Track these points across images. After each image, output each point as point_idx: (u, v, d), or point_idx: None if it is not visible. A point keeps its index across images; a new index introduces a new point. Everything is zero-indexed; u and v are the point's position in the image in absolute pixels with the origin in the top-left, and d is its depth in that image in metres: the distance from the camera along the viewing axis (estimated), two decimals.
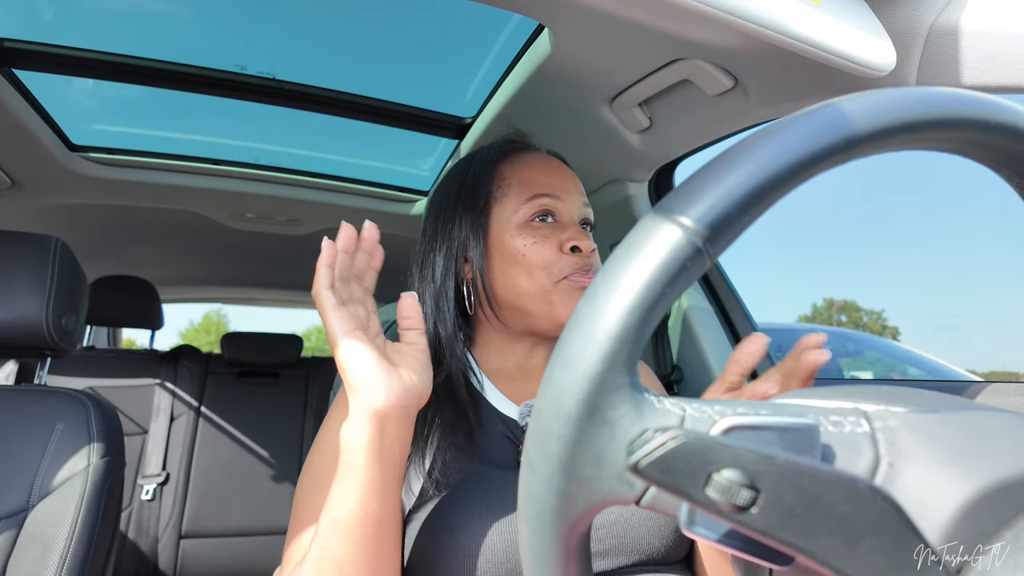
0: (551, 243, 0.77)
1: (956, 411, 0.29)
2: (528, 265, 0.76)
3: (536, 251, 0.77)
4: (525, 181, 0.81)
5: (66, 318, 1.08)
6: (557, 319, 0.76)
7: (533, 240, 0.77)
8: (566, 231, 0.78)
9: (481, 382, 0.78)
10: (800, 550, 0.24)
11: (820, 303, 51.55)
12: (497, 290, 0.79)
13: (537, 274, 0.76)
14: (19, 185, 1.45)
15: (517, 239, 0.78)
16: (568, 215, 0.81)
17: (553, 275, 0.76)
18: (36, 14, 1.16)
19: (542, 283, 0.76)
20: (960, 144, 0.32)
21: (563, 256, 0.77)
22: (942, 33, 0.68)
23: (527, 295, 0.76)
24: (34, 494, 0.97)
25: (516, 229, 0.78)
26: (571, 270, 0.76)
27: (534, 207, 0.79)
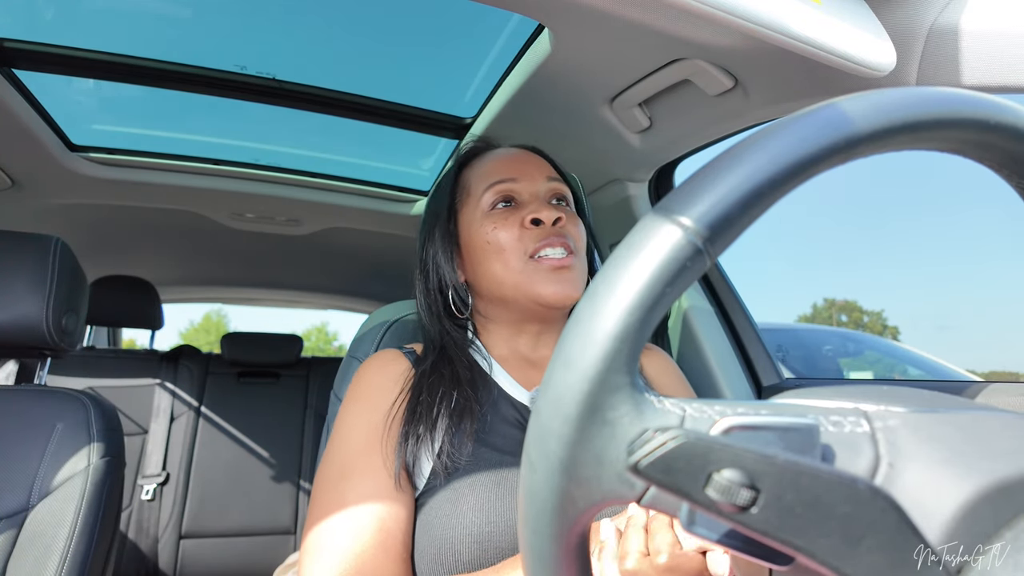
0: (513, 223, 0.79)
1: (956, 411, 0.29)
2: (497, 250, 0.79)
3: (499, 235, 0.79)
4: (483, 175, 0.84)
5: (66, 318, 1.08)
6: (535, 297, 0.77)
7: (494, 225, 0.80)
8: (526, 207, 0.80)
9: (490, 365, 0.81)
10: (800, 550, 0.24)
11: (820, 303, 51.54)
12: (483, 286, 0.82)
13: (508, 258, 0.78)
14: (19, 185, 1.45)
15: (482, 230, 0.80)
16: (529, 193, 0.83)
17: (521, 253, 0.78)
18: (36, 14, 1.16)
19: (514, 266, 0.78)
20: (960, 144, 0.32)
21: (526, 231, 0.78)
22: (942, 33, 0.68)
23: (504, 283, 0.79)
24: (34, 494, 0.96)
25: (480, 221, 0.81)
26: (537, 242, 0.77)
27: (492, 195, 0.82)
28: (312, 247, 2.21)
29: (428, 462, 0.69)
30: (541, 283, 0.76)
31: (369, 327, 1.01)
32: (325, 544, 0.63)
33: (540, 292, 0.76)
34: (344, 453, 0.70)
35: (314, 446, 2.33)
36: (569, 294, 0.76)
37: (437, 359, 0.78)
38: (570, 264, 0.77)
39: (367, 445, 0.70)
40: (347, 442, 0.71)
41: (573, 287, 0.76)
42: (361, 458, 0.69)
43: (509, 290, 0.79)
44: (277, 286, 2.95)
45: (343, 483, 0.67)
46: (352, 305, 3.22)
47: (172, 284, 2.78)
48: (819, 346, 3.46)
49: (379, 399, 0.74)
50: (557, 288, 0.76)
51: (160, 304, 2.39)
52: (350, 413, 0.74)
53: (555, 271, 0.76)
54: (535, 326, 0.83)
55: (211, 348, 2.62)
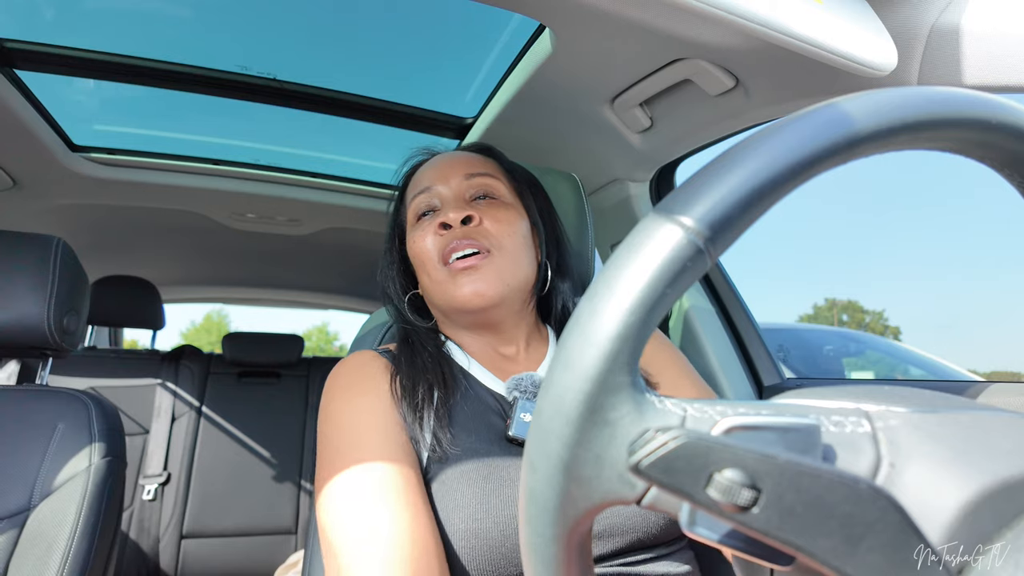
0: (428, 231, 0.79)
1: (957, 411, 0.29)
2: (421, 262, 0.80)
3: (419, 246, 0.79)
4: (414, 186, 0.86)
5: (67, 318, 1.08)
6: (453, 302, 0.76)
7: (415, 237, 0.81)
8: (442, 214, 0.79)
9: (468, 359, 0.80)
10: (801, 550, 0.24)
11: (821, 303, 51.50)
12: (427, 298, 0.84)
13: (429, 268, 0.78)
14: (20, 185, 1.46)
15: (412, 243, 0.81)
16: (446, 199, 0.82)
17: (437, 261, 0.77)
18: (37, 14, 1.16)
19: (435, 275, 0.78)
20: (961, 144, 0.32)
21: (437, 237, 0.78)
22: (943, 33, 0.68)
23: (433, 293, 0.80)
24: (35, 494, 0.97)
25: (411, 234, 0.83)
26: (446, 246, 0.77)
27: (415, 207, 0.83)
28: (313, 247, 2.21)
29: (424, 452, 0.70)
30: (455, 287, 0.75)
31: (370, 327, 1.01)
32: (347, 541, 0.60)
33: (455, 296, 0.75)
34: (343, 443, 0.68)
35: (315, 446, 2.33)
36: (480, 292, 0.74)
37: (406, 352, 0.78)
38: (476, 264, 0.75)
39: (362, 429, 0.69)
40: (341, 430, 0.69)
41: (485, 285, 0.74)
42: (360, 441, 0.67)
43: (438, 299, 0.79)
44: (278, 286, 2.95)
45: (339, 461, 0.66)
46: (353, 305, 3.23)
47: (173, 284, 2.79)
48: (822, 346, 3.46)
49: (359, 385, 0.74)
50: (467, 290, 0.74)
51: (161, 304, 2.40)
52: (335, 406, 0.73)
53: (464, 272, 0.75)
54: (485, 331, 0.82)
55: (212, 348, 2.62)
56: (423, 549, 0.59)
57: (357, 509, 0.61)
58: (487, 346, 0.83)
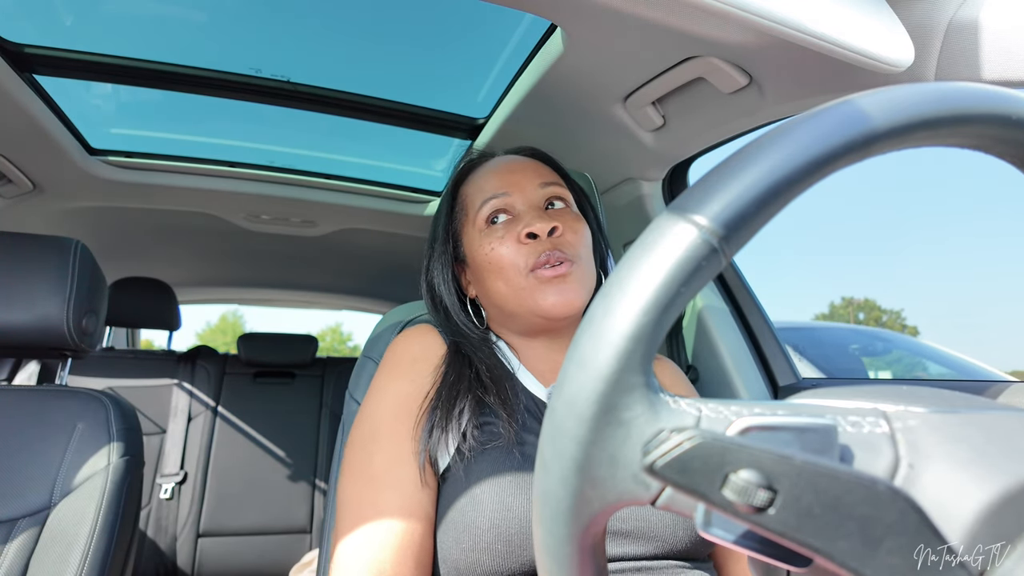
0: (509, 240, 0.79)
1: (977, 411, 0.28)
2: (498, 268, 0.79)
3: (497, 253, 0.79)
4: (478, 190, 0.84)
5: (86, 319, 1.10)
6: (538, 310, 0.77)
7: (492, 244, 0.79)
8: (522, 220, 0.79)
9: (515, 364, 0.82)
10: (818, 552, 0.24)
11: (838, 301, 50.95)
12: (491, 301, 0.83)
13: (509, 275, 0.78)
14: (40, 189, 1.48)
15: (482, 248, 0.81)
16: (522, 205, 0.82)
17: (521, 270, 0.77)
18: (56, 20, 1.17)
19: (516, 282, 0.78)
20: (981, 140, 0.32)
21: (523, 246, 0.78)
22: (961, 28, 0.67)
23: (508, 298, 0.79)
24: (56, 493, 0.98)
25: (479, 239, 0.82)
26: (535, 258, 0.77)
27: (484, 213, 0.82)
28: (327, 248, 2.22)
29: (447, 455, 0.70)
30: (541, 296, 0.76)
31: (383, 327, 1.02)
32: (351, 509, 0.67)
33: (541, 304, 0.76)
34: (375, 418, 0.73)
35: (329, 445, 2.35)
36: (569, 301, 0.76)
37: (455, 360, 0.79)
38: (566, 272, 0.76)
39: (397, 412, 0.72)
40: (379, 407, 0.74)
41: (574, 294, 0.76)
42: (391, 424, 0.71)
43: (513, 306, 0.79)
44: (292, 287, 2.98)
45: (372, 445, 0.70)
46: (366, 306, 3.24)
47: (189, 285, 2.81)
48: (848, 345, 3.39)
49: (413, 370, 0.77)
50: (557, 299, 0.75)
51: (177, 305, 2.42)
52: (385, 379, 0.77)
53: (553, 282, 0.76)
54: (544, 336, 0.84)
55: (227, 348, 2.64)
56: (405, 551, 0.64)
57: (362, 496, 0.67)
58: (539, 350, 0.84)
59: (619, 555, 0.67)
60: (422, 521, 0.67)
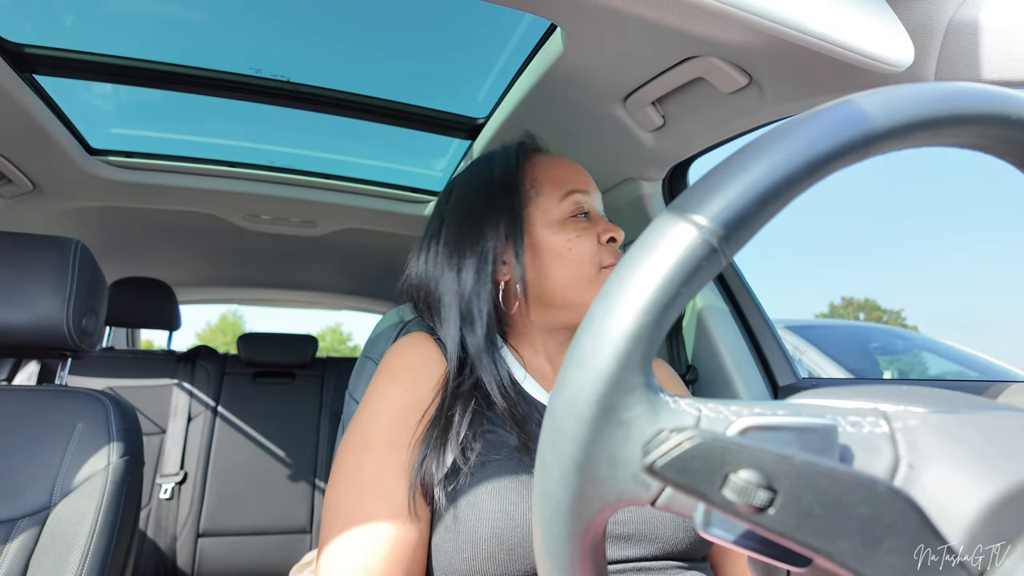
0: (590, 237, 0.81)
1: (977, 411, 0.28)
2: (573, 259, 0.80)
3: (579, 245, 0.80)
4: (556, 179, 0.85)
5: (86, 319, 1.10)
6: None
7: (576, 235, 0.81)
8: (598, 224, 0.83)
9: (523, 373, 0.81)
10: (818, 552, 0.24)
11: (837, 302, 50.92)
12: (542, 287, 0.81)
13: (583, 266, 0.80)
14: (40, 188, 1.48)
15: (559, 236, 0.81)
16: (595, 210, 0.86)
17: (596, 265, 0.80)
18: (56, 20, 1.17)
19: (587, 274, 0.80)
20: (980, 140, 0.32)
21: (602, 248, 0.82)
22: (961, 28, 0.67)
23: (573, 288, 0.80)
24: (56, 493, 0.98)
25: (557, 226, 0.82)
26: (611, 259, 0.81)
27: (571, 204, 0.83)
28: (326, 248, 2.22)
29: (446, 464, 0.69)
30: None
31: (383, 327, 1.02)
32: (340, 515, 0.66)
33: None
34: (369, 427, 0.72)
35: (330, 445, 2.35)
36: None
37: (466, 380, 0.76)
38: None
39: (392, 422, 0.72)
40: (374, 417, 0.73)
41: None
42: (384, 434, 0.71)
43: (574, 295, 0.80)
44: (292, 287, 2.97)
45: (364, 454, 0.70)
46: (366, 305, 3.24)
47: (189, 285, 2.81)
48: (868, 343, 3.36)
49: (411, 379, 0.76)
50: None
51: (177, 305, 2.42)
52: (380, 388, 0.76)
53: None
54: (566, 333, 0.85)
55: (227, 348, 2.64)
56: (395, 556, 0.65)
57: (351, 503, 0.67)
58: (546, 351, 0.85)
59: (619, 558, 0.67)
60: (413, 530, 0.66)
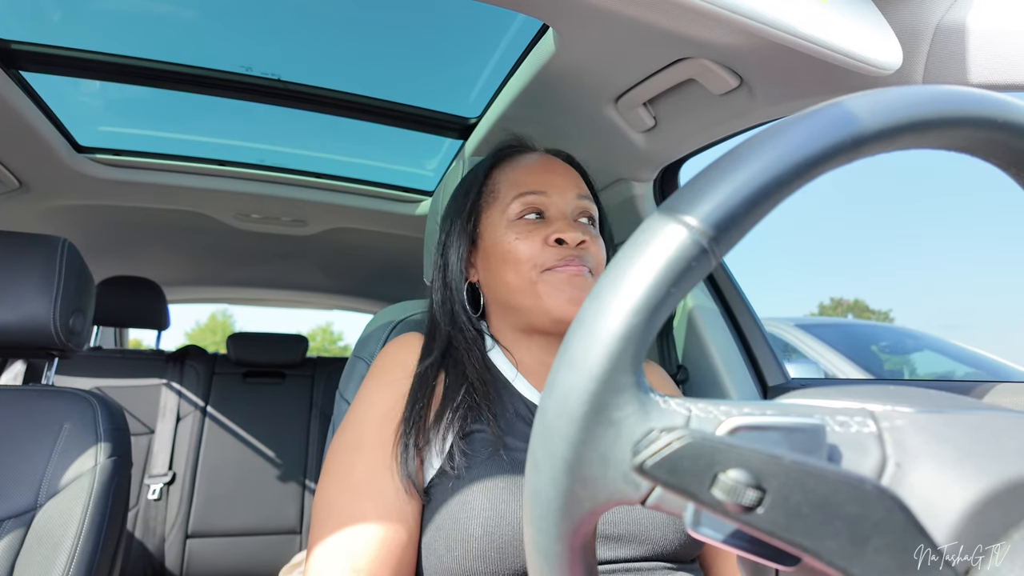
0: (536, 237, 0.79)
1: (964, 411, 0.28)
2: (514, 261, 0.78)
3: (520, 246, 0.78)
4: (513, 182, 0.84)
5: (73, 318, 1.09)
6: (547, 311, 0.76)
7: (517, 236, 0.79)
8: (552, 225, 0.80)
9: (515, 374, 0.81)
10: (806, 550, 0.24)
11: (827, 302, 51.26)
12: (494, 290, 0.82)
13: (523, 268, 0.78)
14: (26, 186, 1.46)
15: (505, 237, 0.80)
16: (558, 210, 0.82)
17: (537, 267, 0.77)
18: (43, 16, 1.16)
19: (528, 276, 0.77)
20: (967, 143, 0.32)
21: (547, 248, 0.78)
22: (949, 31, 0.68)
23: (517, 291, 0.79)
24: (42, 493, 0.97)
25: (504, 228, 0.81)
26: (554, 261, 0.77)
27: (520, 205, 0.81)
28: (317, 247, 2.21)
29: (439, 458, 0.70)
30: (554, 292, 0.76)
31: (374, 327, 1.01)
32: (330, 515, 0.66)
33: (552, 303, 0.76)
34: (360, 426, 0.72)
35: (320, 446, 2.34)
36: (577, 304, 0.75)
37: (442, 360, 0.78)
38: (583, 273, 0.77)
39: (382, 422, 0.72)
40: (365, 416, 0.73)
41: (582, 297, 0.76)
42: (375, 433, 0.71)
43: (519, 300, 0.79)
44: (282, 286, 2.96)
45: (354, 453, 0.70)
46: (357, 305, 3.23)
47: (178, 284, 2.80)
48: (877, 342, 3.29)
49: (402, 378, 0.76)
50: (570, 296, 0.75)
51: (166, 304, 2.40)
52: (371, 388, 0.76)
53: (569, 280, 0.76)
54: (540, 336, 0.83)
55: (217, 348, 2.63)
56: None
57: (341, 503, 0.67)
58: (537, 351, 0.84)
59: (609, 558, 0.67)
60: (403, 531, 0.66)
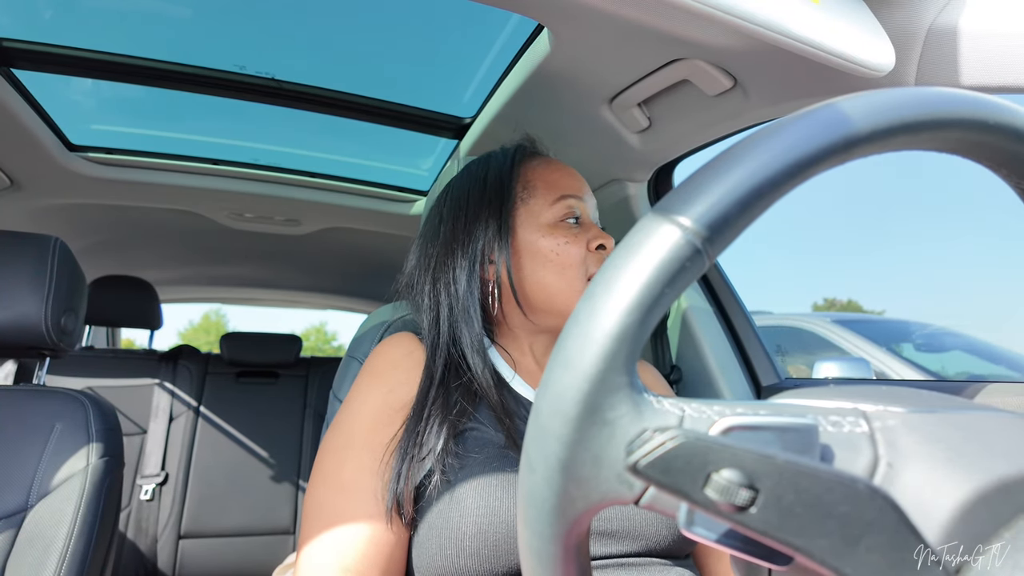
0: (580, 242, 0.81)
1: (955, 411, 0.29)
2: (561, 264, 0.79)
3: (568, 250, 0.80)
4: (550, 183, 0.84)
5: (65, 318, 1.08)
6: None
7: (565, 240, 0.80)
8: (590, 231, 0.82)
9: (512, 375, 0.81)
10: (799, 550, 0.24)
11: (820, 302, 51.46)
12: (527, 290, 0.81)
13: (569, 272, 0.79)
14: (18, 185, 1.45)
15: (547, 239, 0.80)
16: (588, 216, 0.85)
17: (584, 273, 0.80)
18: (35, 13, 1.16)
19: (574, 282, 0.79)
20: (959, 144, 0.32)
21: (591, 254, 0.81)
22: (941, 33, 0.68)
23: (560, 292, 0.79)
24: (33, 494, 0.96)
25: (546, 229, 0.81)
26: (597, 267, 0.80)
27: (563, 208, 0.82)
28: (311, 247, 2.21)
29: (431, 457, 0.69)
30: None
31: (368, 327, 1.01)
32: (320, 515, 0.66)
33: None
34: (351, 426, 0.72)
35: (313, 446, 2.33)
36: None
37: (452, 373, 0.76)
38: None
39: (374, 422, 0.72)
40: (356, 416, 0.73)
41: None
42: (366, 433, 0.71)
43: (560, 302, 0.79)
44: (276, 286, 2.95)
45: (344, 452, 0.70)
46: (351, 305, 3.22)
47: (171, 284, 2.78)
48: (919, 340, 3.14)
49: (395, 379, 0.76)
50: None
51: (159, 304, 2.39)
52: (362, 388, 0.76)
53: None
54: (552, 336, 0.85)
55: (210, 348, 2.62)
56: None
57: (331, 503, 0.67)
58: (532, 351, 0.85)
59: (602, 554, 0.67)
60: (392, 531, 0.66)
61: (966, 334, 3.40)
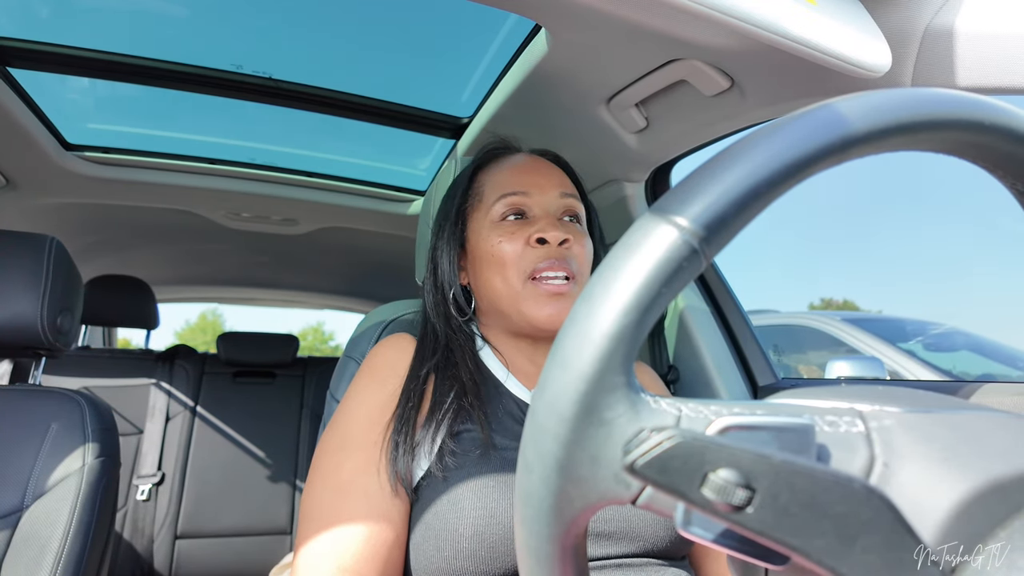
0: (518, 239, 0.79)
1: (951, 411, 0.29)
2: (499, 263, 0.79)
3: (502, 248, 0.78)
4: (497, 183, 0.84)
5: (61, 318, 1.08)
6: (530, 320, 0.77)
7: (501, 238, 0.79)
8: (535, 224, 0.79)
9: (506, 375, 0.81)
10: (796, 549, 0.24)
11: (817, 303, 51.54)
12: (481, 294, 0.83)
13: (508, 273, 0.78)
14: (14, 184, 1.45)
15: (489, 239, 0.80)
16: (541, 209, 0.82)
17: (522, 271, 0.77)
18: (31, 12, 1.15)
19: (513, 284, 0.78)
20: (955, 145, 0.32)
21: (529, 249, 0.78)
22: (937, 34, 0.68)
23: (502, 297, 0.79)
24: (29, 494, 0.96)
25: (488, 230, 0.81)
26: (539, 261, 0.77)
27: (503, 206, 0.81)
28: (308, 247, 2.20)
29: (427, 458, 0.70)
30: (535, 306, 0.76)
31: (365, 327, 1.01)
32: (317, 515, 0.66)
33: (534, 315, 0.76)
34: (347, 426, 0.72)
35: (310, 446, 2.33)
36: (563, 317, 0.75)
37: (441, 362, 0.77)
38: (567, 291, 0.77)
39: (371, 422, 0.71)
40: (352, 416, 0.73)
41: (567, 311, 0.76)
42: (362, 433, 0.71)
43: (505, 305, 0.79)
44: (273, 286, 2.95)
45: (341, 453, 0.70)
46: (348, 305, 3.22)
47: (168, 284, 2.78)
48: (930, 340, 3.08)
49: (391, 379, 0.76)
50: (551, 313, 0.76)
51: (155, 304, 2.39)
52: (359, 387, 0.76)
53: (551, 297, 0.76)
54: (529, 339, 0.84)
55: (207, 348, 2.61)
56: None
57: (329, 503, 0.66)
58: (521, 352, 0.84)
59: (599, 555, 0.67)
60: (390, 531, 0.66)
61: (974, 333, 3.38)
